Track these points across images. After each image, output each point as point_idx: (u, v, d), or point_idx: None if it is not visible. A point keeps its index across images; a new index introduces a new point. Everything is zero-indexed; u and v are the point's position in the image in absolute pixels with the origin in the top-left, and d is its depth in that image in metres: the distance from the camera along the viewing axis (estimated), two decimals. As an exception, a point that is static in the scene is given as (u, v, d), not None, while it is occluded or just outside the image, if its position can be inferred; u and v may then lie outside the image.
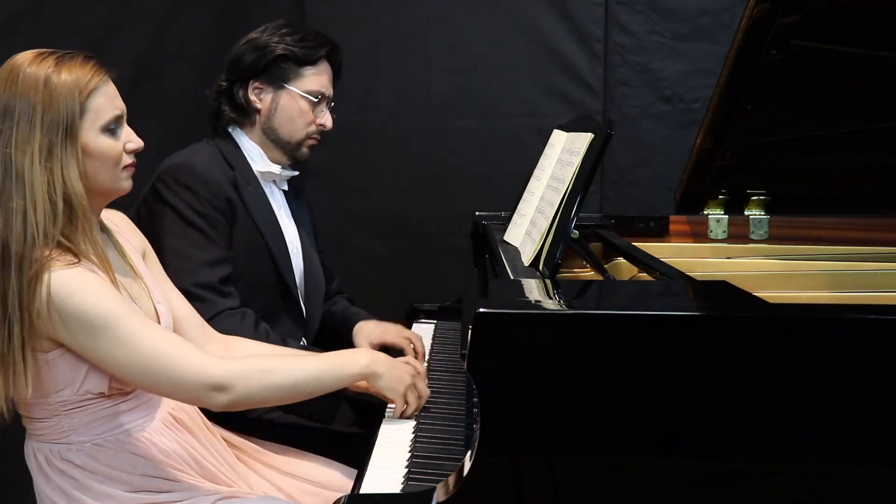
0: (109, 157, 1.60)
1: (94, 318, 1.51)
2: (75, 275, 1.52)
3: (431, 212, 3.59)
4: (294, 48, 2.18)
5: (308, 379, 1.65)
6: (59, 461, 1.62)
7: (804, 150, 2.37)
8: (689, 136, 3.14)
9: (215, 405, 1.58)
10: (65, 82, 1.55)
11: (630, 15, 3.45)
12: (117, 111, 1.62)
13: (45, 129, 1.52)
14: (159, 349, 1.54)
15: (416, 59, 3.56)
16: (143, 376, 1.55)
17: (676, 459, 1.35)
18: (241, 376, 1.57)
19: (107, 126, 1.59)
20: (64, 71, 1.56)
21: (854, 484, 1.36)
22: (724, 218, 2.51)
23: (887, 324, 1.35)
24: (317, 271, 2.33)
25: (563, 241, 1.77)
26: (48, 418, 1.61)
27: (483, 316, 1.34)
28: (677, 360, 1.34)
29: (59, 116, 1.53)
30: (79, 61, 1.58)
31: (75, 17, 2.70)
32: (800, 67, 2.14)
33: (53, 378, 1.57)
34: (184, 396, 1.60)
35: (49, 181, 1.52)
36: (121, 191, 1.65)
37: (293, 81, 2.19)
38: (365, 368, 1.71)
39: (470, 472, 1.34)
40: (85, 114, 1.56)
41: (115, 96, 1.62)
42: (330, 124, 2.27)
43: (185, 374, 1.55)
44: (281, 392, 1.63)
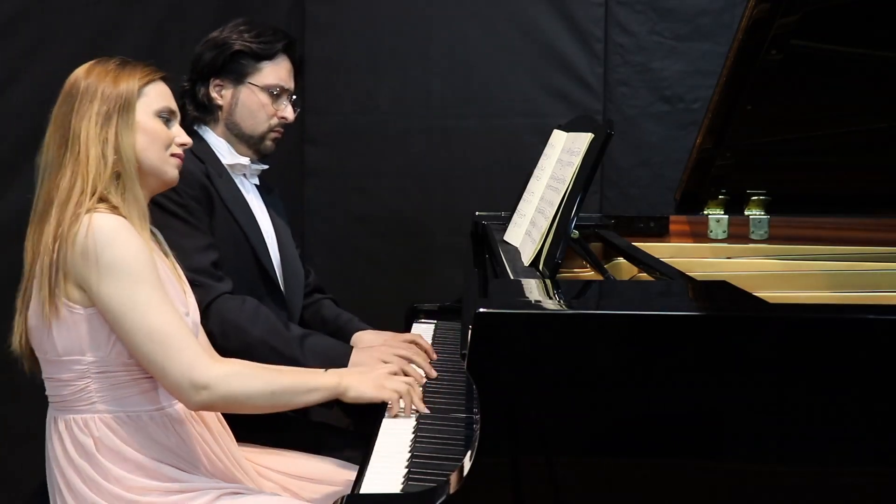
0: (160, 137, 1.73)
1: (124, 268, 1.60)
2: (119, 223, 1.62)
3: (431, 212, 3.59)
4: (251, 44, 2.22)
5: (284, 391, 1.69)
6: (79, 432, 1.65)
7: (804, 150, 2.37)
8: (689, 136, 3.14)
9: (192, 402, 1.64)
10: (126, 71, 1.73)
11: (630, 15, 3.45)
12: (171, 105, 1.77)
13: (105, 99, 1.68)
14: (167, 328, 1.61)
15: (416, 59, 3.57)
16: (140, 345, 1.61)
17: (676, 459, 1.35)
18: (223, 378, 1.63)
19: (159, 112, 1.74)
20: (128, 66, 1.74)
21: (854, 484, 1.36)
22: (724, 218, 2.51)
23: (887, 324, 1.35)
24: (294, 261, 2.35)
25: (563, 241, 1.77)
26: (77, 380, 1.65)
27: (483, 316, 1.34)
28: (677, 360, 1.34)
29: (119, 92, 1.69)
30: (140, 63, 1.77)
31: (75, 17, 2.70)
32: (800, 67, 2.14)
33: (89, 335, 1.63)
34: (167, 382, 1.63)
35: (104, 142, 1.66)
36: (167, 175, 1.76)
37: (252, 76, 2.23)
38: (333, 389, 1.74)
39: (470, 472, 1.34)
40: (141, 97, 1.72)
41: (169, 95, 1.78)
42: (291, 116, 2.30)
43: (177, 360, 1.60)
44: (257, 400, 1.67)
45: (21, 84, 2.60)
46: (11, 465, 2.62)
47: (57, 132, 1.69)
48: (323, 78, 3.60)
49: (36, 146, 2.64)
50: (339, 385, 1.74)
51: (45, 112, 2.64)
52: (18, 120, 2.62)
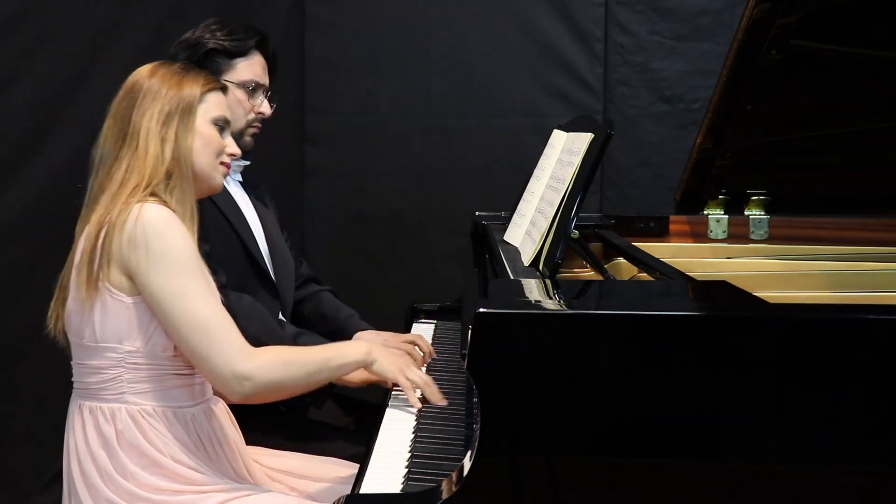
0: (213, 143, 1.77)
1: (174, 258, 1.62)
2: (169, 215, 1.66)
3: (431, 212, 3.59)
4: (224, 41, 2.25)
5: (319, 369, 1.72)
6: (104, 420, 1.66)
7: (804, 150, 2.37)
8: (689, 136, 3.14)
9: (235, 393, 1.64)
10: (190, 77, 1.77)
11: (630, 15, 3.45)
12: (227, 114, 1.81)
13: (168, 100, 1.73)
14: (213, 319, 1.63)
15: (416, 59, 3.57)
16: (187, 335, 1.62)
17: (676, 459, 1.35)
18: (264, 367, 1.64)
19: (216, 120, 1.78)
20: (191, 72, 1.79)
21: (854, 484, 1.36)
22: (724, 218, 2.51)
23: (887, 324, 1.35)
24: (282, 250, 2.35)
25: (563, 241, 1.77)
26: (109, 369, 1.66)
27: (483, 316, 1.34)
28: (677, 360, 1.34)
29: (182, 95, 1.74)
30: (202, 71, 1.83)
31: (75, 18, 2.71)
32: (800, 67, 2.14)
33: (129, 324, 1.64)
34: (211, 373, 1.64)
35: (162, 140, 1.70)
36: (214, 181, 1.79)
37: (226, 73, 2.24)
38: (365, 356, 1.79)
39: (470, 472, 1.34)
40: (202, 103, 1.76)
41: (225, 105, 1.82)
42: (268, 111, 2.32)
43: (221, 350, 1.62)
44: (297, 383, 1.71)
45: (21, 84, 2.61)
46: (11, 465, 2.63)
47: (115, 126, 1.72)
48: (323, 78, 3.60)
49: (36, 146, 2.67)
50: (369, 355, 1.79)
51: (45, 112, 2.67)
52: (18, 120, 2.62)
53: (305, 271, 2.52)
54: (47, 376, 2.62)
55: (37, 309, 2.67)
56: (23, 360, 2.63)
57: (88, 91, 2.72)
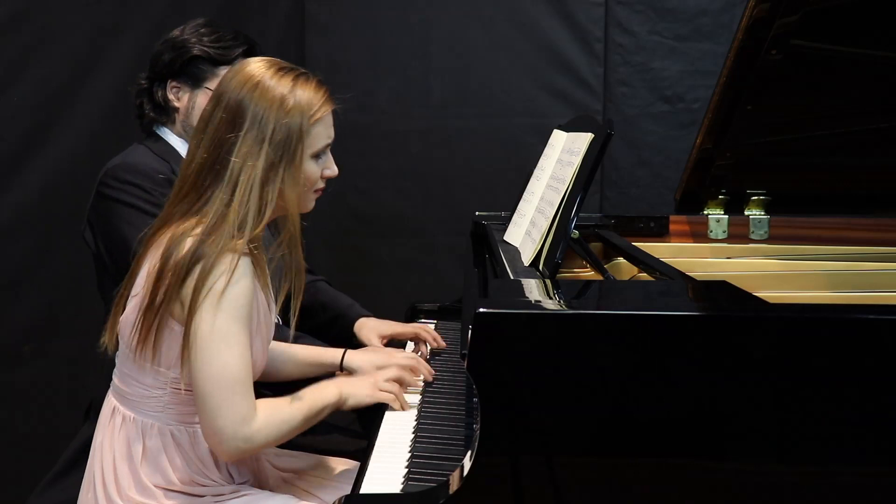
0: (310, 182, 1.68)
1: (231, 302, 1.55)
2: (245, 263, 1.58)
3: (431, 212, 3.59)
4: (209, 48, 2.18)
5: (303, 420, 1.68)
6: (134, 433, 1.65)
7: (804, 150, 2.37)
8: (689, 136, 3.14)
9: (230, 451, 1.59)
10: (298, 105, 1.63)
11: (630, 15, 3.46)
12: (329, 140, 1.70)
13: (273, 148, 1.60)
14: (241, 372, 1.57)
15: (416, 59, 3.57)
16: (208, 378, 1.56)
17: (676, 459, 1.35)
18: (261, 430, 1.60)
19: (317, 153, 1.67)
20: (300, 93, 1.64)
21: (854, 484, 1.36)
22: (724, 218, 2.51)
23: (887, 324, 1.35)
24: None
25: (563, 241, 1.77)
26: (156, 388, 1.64)
27: (483, 316, 1.34)
28: (677, 360, 1.34)
29: (287, 140, 1.61)
30: (314, 85, 1.68)
31: (75, 17, 2.71)
32: (800, 67, 2.14)
33: (179, 350, 1.59)
34: (213, 425, 1.58)
35: (262, 195, 1.60)
36: (305, 210, 1.72)
37: (209, 81, 2.18)
38: (337, 398, 1.74)
39: (470, 471, 1.34)
40: (308, 138, 1.65)
41: (331, 126, 1.71)
42: None
43: (234, 410, 1.56)
44: (284, 438, 1.67)
45: (21, 84, 2.61)
46: (11, 466, 2.62)
47: (211, 154, 1.61)
48: (323, 78, 3.59)
49: (36, 146, 2.67)
50: (340, 397, 1.75)
51: (45, 112, 2.67)
52: (18, 120, 2.62)
53: None
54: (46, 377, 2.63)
55: (36, 310, 2.68)
56: (22, 360, 2.63)
57: (88, 91, 2.72)
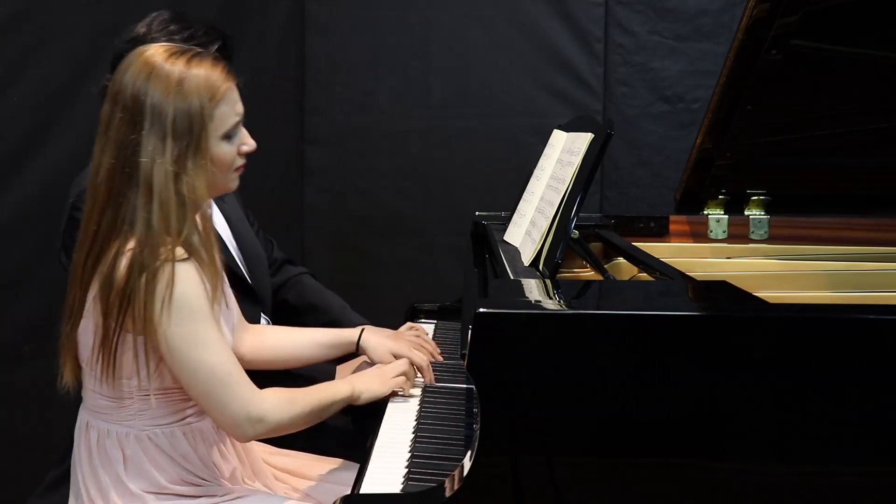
0: (225, 163, 1.65)
1: (191, 308, 1.55)
2: (191, 267, 1.57)
3: (431, 212, 3.59)
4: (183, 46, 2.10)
5: (317, 409, 1.70)
6: (111, 445, 1.65)
7: (804, 150, 2.37)
8: (689, 136, 3.14)
9: (247, 435, 1.63)
10: (196, 89, 1.58)
11: (630, 15, 3.46)
12: (237, 117, 1.65)
13: (176, 139, 1.56)
14: (227, 366, 1.59)
15: (416, 59, 3.57)
16: (200, 381, 1.58)
17: (676, 459, 1.35)
18: (273, 409, 1.63)
19: (227, 133, 1.63)
20: (195, 77, 1.59)
21: (854, 484, 1.36)
22: (724, 218, 2.50)
23: (887, 324, 1.35)
24: (252, 245, 2.28)
25: (563, 241, 1.77)
26: (121, 399, 1.64)
27: (483, 316, 1.34)
28: (677, 360, 1.34)
29: (190, 127, 1.57)
30: (208, 63, 1.62)
31: (75, 17, 2.71)
32: (800, 67, 2.14)
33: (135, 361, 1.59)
34: (225, 417, 1.61)
35: (176, 190, 1.56)
36: (229, 190, 1.72)
37: None
38: (350, 395, 1.77)
39: (470, 471, 1.34)
40: (211, 121, 1.60)
41: (237, 101, 1.65)
42: None
43: (236, 394, 1.59)
44: (299, 423, 1.68)
45: (21, 84, 2.61)
46: (11, 466, 2.62)
47: (119, 162, 1.57)
48: (323, 78, 3.60)
49: (36, 146, 2.67)
50: (354, 392, 1.77)
51: (45, 112, 2.67)
52: (18, 120, 2.62)
53: (278, 255, 2.45)
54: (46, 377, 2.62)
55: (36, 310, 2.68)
56: (22, 360, 2.63)
57: (88, 91, 2.71)
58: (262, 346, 1.96)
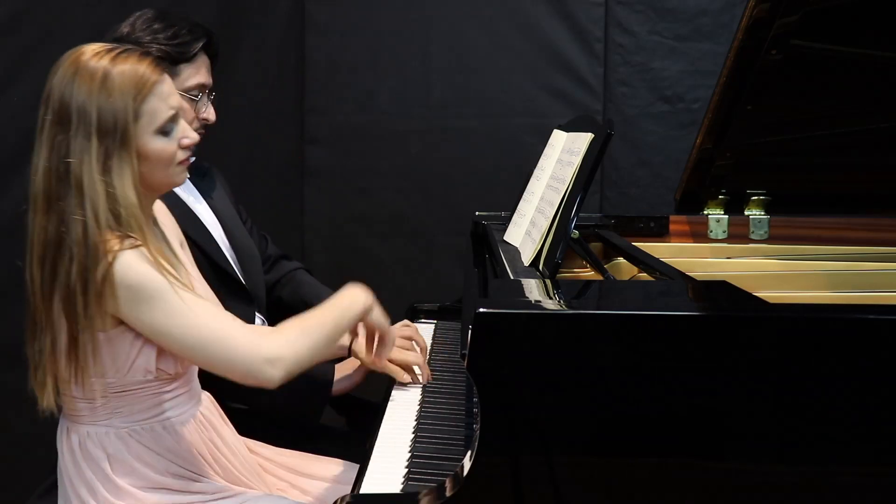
0: (163, 159, 1.61)
1: (150, 290, 1.53)
2: (136, 254, 1.54)
3: (431, 212, 3.59)
4: (166, 47, 2.04)
5: (335, 327, 1.65)
6: (92, 446, 1.64)
7: (804, 150, 2.37)
8: (689, 136, 3.14)
9: (273, 379, 1.57)
10: (121, 86, 1.55)
11: (630, 15, 3.45)
12: (171, 111, 1.61)
13: (102, 137, 1.54)
14: (214, 322, 1.56)
15: (416, 59, 3.56)
16: (199, 348, 1.56)
17: (676, 459, 1.35)
18: (287, 344, 1.58)
19: (161, 128, 1.60)
20: (120, 73, 1.56)
21: (854, 484, 1.36)
22: (724, 218, 2.51)
23: (887, 324, 1.36)
24: (246, 244, 2.26)
25: (563, 241, 1.77)
26: (95, 399, 1.62)
27: (483, 316, 1.35)
28: (677, 360, 1.34)
29: (115, 123, 1.54)
30: (134, 58, 1.58)
31: (76, 17, 2.70)
32: (800, 67, 2.14)
33: (108, 357, 1.58)
34: (239, 370, 1.57)
35: (107, 188, 1.54)
36: (175, 185, 1.68)
37: None
38: (366, 303, 1.71)
39: (470, 472, 1.34)
40: (140, 118, 1.57)
41: (169, 94, 1.61)
42: (213, 117, 2.14)
43: (239, 348, 1.55)
44: (321, 348, 1.63)
45: (21, 84, 2.60)
46: (13, 465, 2.62)
47: (52, 167, 1.56)
48: (323, 78, 3.60)
49: (36, 146, 2.66)
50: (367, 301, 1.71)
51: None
52: (18, 120, 2.62)
53: (272, 251, 2.43)
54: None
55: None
56: (22, 361, 2.62)
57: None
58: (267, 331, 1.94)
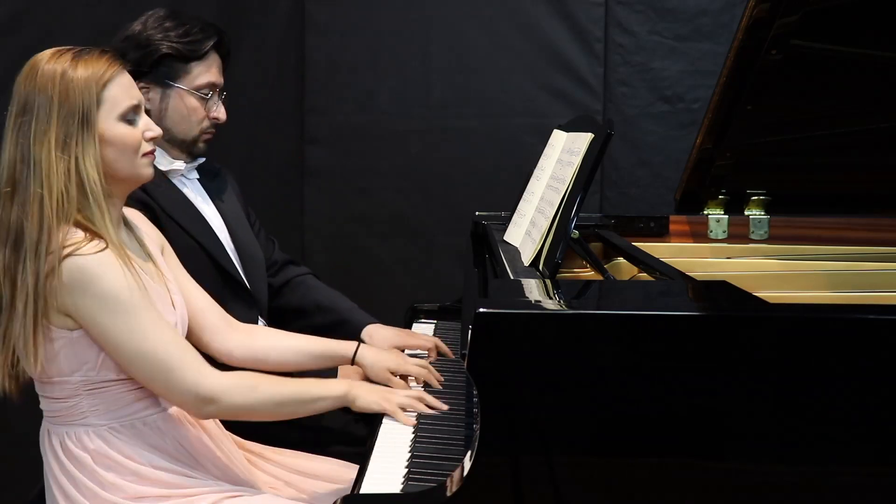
0: (127, 144, 1.64)
1: (114, 300, 1.56)
2: (101, 257, 1.56)
3: (431, 212, 3.59)
4: (178, 45, 2.07)
5: (290, 401, 1.70)
6: (74, 446, 1.64)
7: (804, 150, 2.37)
8: (689, 136, 3.14)
9: (200, 414, 1.67)
10: (81, 75, 1.60)
11: (630, 15, 3.45)
12: (133, 101, 1.66)
13: (62, 119, 1.58)
14: (165, 348, 1.60)
15: (416, 59, 3.57)
16: (142, 369, 1.60)
17: (676, 459, 1.35)
18: (228, 391, 1.63)
19: (124, 115, 1.64)
20: (80, 65, 1.61)
21: (854, 484, 1.36)
22: (724, 218, 2.51)
23: (887, 324, 1.35)
24: (249, 244, 2.26)
25: (563, 241, 1.77)
26: (69, 398, 1.63)
27: (483, 316, 1.34)
28: (677, 360, 1.34)
29: (76, 107, 1.58)
30: (95, 55, 1.63)
31: (76, 17, 2.70)
32: (800, 67, 2.14)
33: (76, 356, 1.60)
34: (174, 399, 1.65)
35: (66, 170, 1.57)
36: (142, 178, 1.69)
37: (181, 79, 2.10)
38: (344, 395, 1.75)
39: (470, 472, 1.34)
40: (101, 104, 1.61)
41: (130, 86, 1.66)
42: (223, 117, 2.17)
43: (180, 378, 1.61)
44: (263, 410, 1.69)
45: (21, 84, 2.60)
46: (13, 465, 2.62)
47: (17, 151, 1.59)
48: (323, 78, 3.60)
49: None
50: (349, 394, 1.75)
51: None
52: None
53: (279, 256, 2.43)
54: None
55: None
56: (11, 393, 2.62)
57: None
58: (252, 347, 1.94)
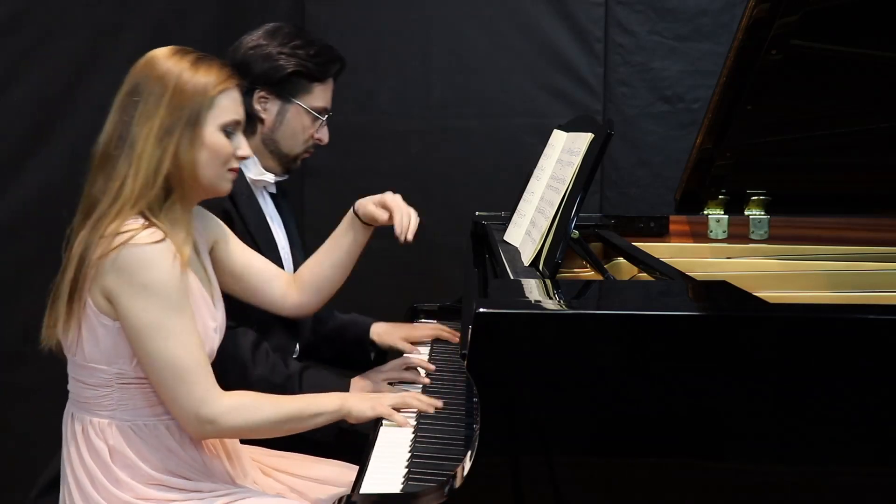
0: (221, 154, 1.67)
1: (154, 292, 1.57)
2: (157, 249, 1.58)
3: (431, 212, 3.57)
4: (308, 64, 2.14)
5: (288, 419, 1.70)
6: (95, 436, 1.65)
7: (804, 150, 2.37)
8: (689, 136, 3.14)
9: (197, 433, 1.66)
10: (200, 77, 1.65)
11: (630, 15, 3.45)
12: (237, 116, 1.70)
13: (170, 110, 1.62)
14: (186, 360, 1.60)
15: (416, 59, 3.56)
16: (156, 369, 1.60)
17: (676, 459, 1.35)
18: (227, 413, 1.63)
19: (225, 126, 1.67)
20: (202, 69, 1.66)
21: (854, 484, 1.36)
22: (724, 218, 2.51)
23: (887, 324, 1.36)
24: None
25: (563, 241, 1.77)
26: (101, 387, 1.64)
27: (483, 316, 1.35)
28: (677, 360, 1.34)
29: (187, 103, 1.63)
30: (216, 64, 1.68)
31: (76, 17, 2.71)
32: (800, 67, 2.14)
33: (116, 347, 1.61)
34: (175, 410, 1.64)
35: (159, 159, 1.61)
36: (220, 190, 1.72)
37: (301, 96, 2.16)
38: (338, 410, 1.74)
39: (470, 471, 1.34)
40: (211, 108, 1.65)
41: (239, 103, 1.71)
42: (326, 139, 2.26)
43: (188, 392, 1.60)
44: (262, 430, 1.70)
45: (21, 84, 2.61)
46: (13, 465, 2.63)
47: (117, 129, 1.63)
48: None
49: (36, 146, 2.66)
50: (343, 408, 1.74)
51: (45, 112, 2.67)
52: (18, 120, 2.62)
53: None
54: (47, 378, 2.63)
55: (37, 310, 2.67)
56: (22, 361, 2.63)
57: (88, 91, 2.71)
58: (305, 283, 2.03)
